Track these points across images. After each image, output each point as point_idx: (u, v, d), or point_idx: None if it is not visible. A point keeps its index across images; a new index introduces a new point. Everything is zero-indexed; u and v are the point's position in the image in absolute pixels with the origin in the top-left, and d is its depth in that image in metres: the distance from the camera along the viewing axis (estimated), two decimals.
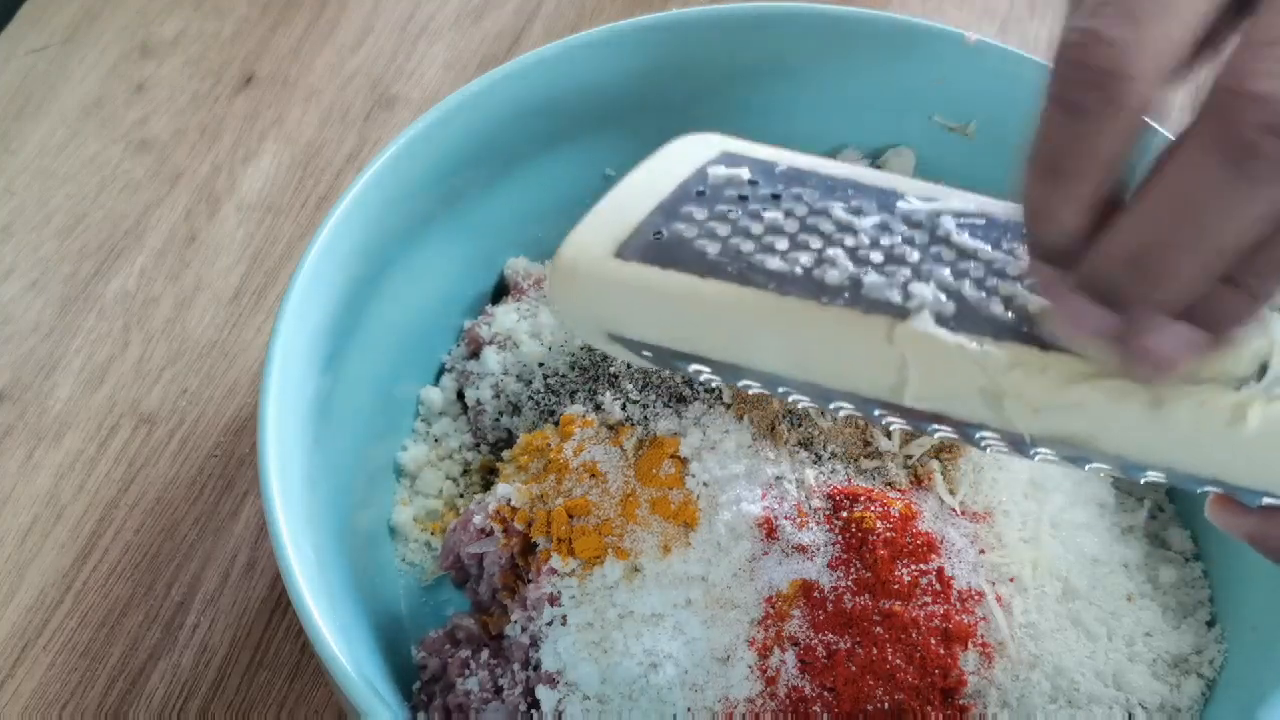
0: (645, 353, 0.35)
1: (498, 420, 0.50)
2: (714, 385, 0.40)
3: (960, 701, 0.41)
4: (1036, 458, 0.33)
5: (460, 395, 0.52)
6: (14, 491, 0.53)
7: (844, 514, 0.43)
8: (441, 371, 0.53)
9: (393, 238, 0.48)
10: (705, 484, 0.43)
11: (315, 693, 0.48)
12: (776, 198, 0.34)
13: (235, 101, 0.67)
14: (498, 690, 0.42)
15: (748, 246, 0.33)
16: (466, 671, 0.43)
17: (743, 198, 0.34)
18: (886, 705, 0.40)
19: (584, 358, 0.49)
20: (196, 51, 0.70)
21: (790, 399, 0.36)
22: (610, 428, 0.46)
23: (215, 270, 0.61)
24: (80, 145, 0.65)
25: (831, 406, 0.34)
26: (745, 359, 0.33)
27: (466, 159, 0.50)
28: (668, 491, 0.43)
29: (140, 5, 0.71)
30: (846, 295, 0.32)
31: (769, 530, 0.42)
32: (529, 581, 0.43)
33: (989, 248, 0.32)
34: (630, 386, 0.46)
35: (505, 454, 0.48)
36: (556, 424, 0.47)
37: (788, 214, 0.34)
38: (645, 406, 0.46)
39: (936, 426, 0.33)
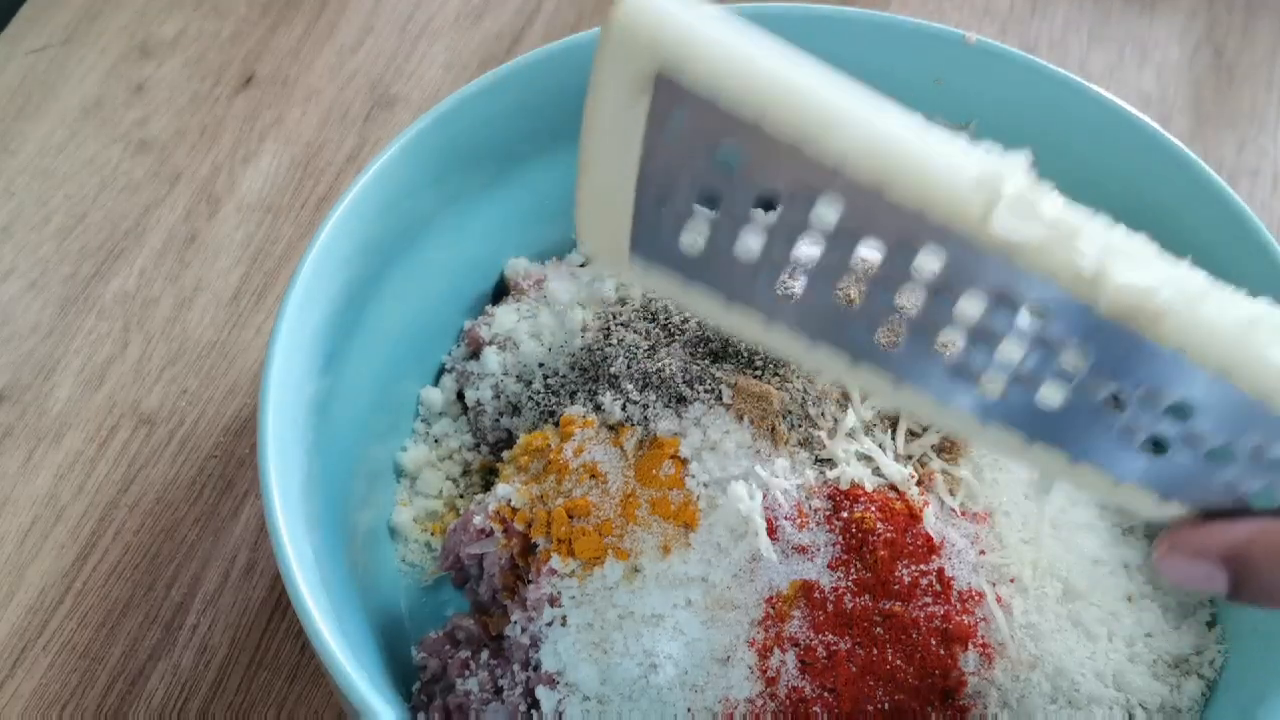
0: (676, 120, 0.29)
1: (498, 421, 0.50)
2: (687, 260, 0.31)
3: (960, 702, 0.41)
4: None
5: (460, 395, 0.52)
6: (14, 492, 0.53)
7: (844, 514, 0.43)
8: (441, 372, 0.53)
9: (393, 238, 0.48)
10: (705, 484, 0.43)
11: (315, 693, 0.48)
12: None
13: (235, 102, 0.67)
14: (498, 691, 0.42)
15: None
16: (466, 672, 0.43)
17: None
18: (887, 706, 0.40)
19: (584, 358, 0.49)
20: (196, 52, 0.70)
21: (791, 272, 0.31)
22: (610, 428, 0.46)
23: (215, 271, 0.61)
24: (80, 146, 0.65)
25: (849, 266, 0.30)
26: (812, 136, 0.28)
27: (466, 159, 0.50)
28: (668, 492, 0.43)
29: (140, 5, 0.71)
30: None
31: (769, 530, 0.42)
32: (529, 582, 0.43)
33: None
34: (630, 387, 0.46)
35: (505, 454, 0.48)
36: (556, 424, 0.47)
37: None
38: (645, 407, 0.46)
39: (945, 333, 0.30)
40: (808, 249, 0.30)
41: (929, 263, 0.29)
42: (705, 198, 0.30)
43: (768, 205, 0.30)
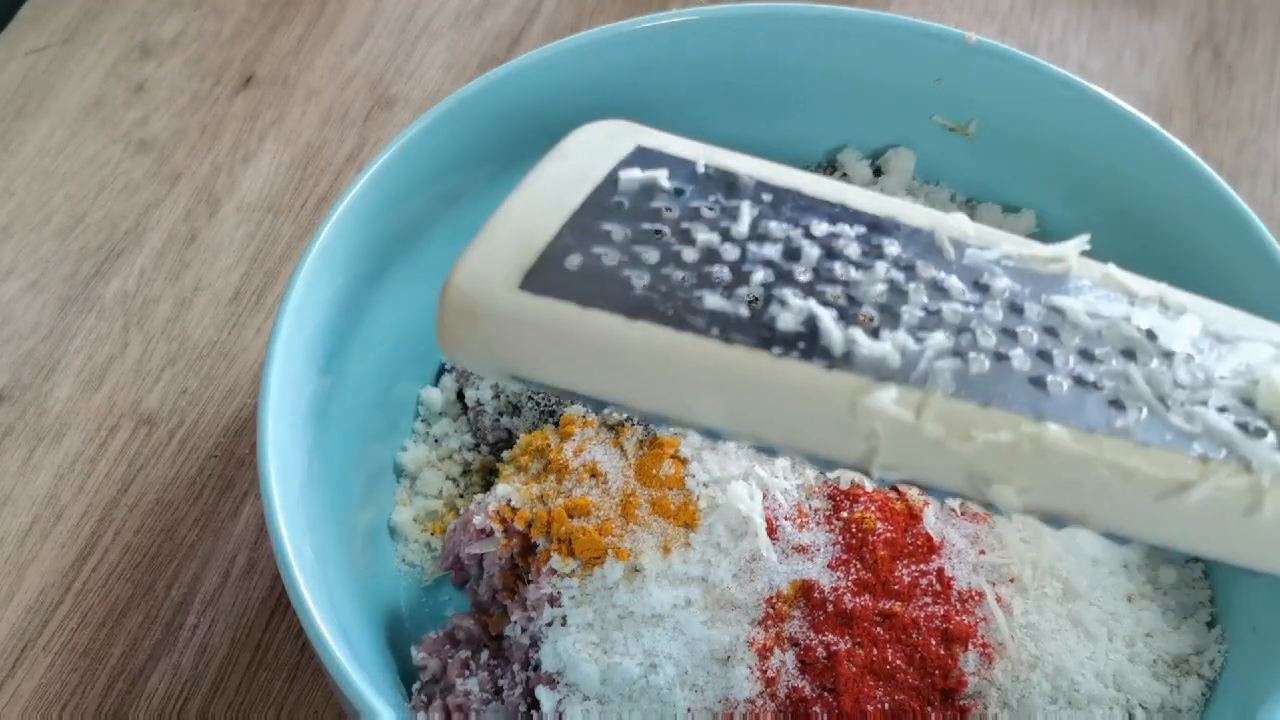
0: (552, 394, 0.31)
1: (498, 420, 0.50)
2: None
3: (960, 702, 0.41)
4: (1013, 519, 0.31)
5: (460, 395, 0.52)
6: (14, 492, 0.53)
7: (844, 514, 0.43)
8: (441, 371, 0.53)
9: (393, 238, 0.48)
10: (705, 484, 0.43)
11: (315, 693, 0.48)
12: (711, 212, 0.29)
13: (235, 102, 0.67)
14: (498, 691, 0.43)
15: (681, 277, 0.28)
16: (466, 672, 0.43)
17: (667, 210, 0.29)
18: (886, 706, 0.40)
19: None
20: (196, 52, 0.70)
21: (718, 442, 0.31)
22: (610, 428, 0.46)
23: (215, 270, 0.60)
24: (80, 145, 0.65)
25: (782, 454, 0.30)
26: (680, 413, 0.28)
27: (466, 159, 0.50)
28: (668, 492, 0.43)
29: (140, 5, 0.71)
30: (803, 345, 0.27)
31: (769, 530, 0.42)
32: (529, 582, 0.43)
33: (963, 285, 0.28)
34: None
35: (505, 454, 0.48)
36: (556, 424, 0.47)
37: (725, 235, 0.29)
38: None
39: (902, 485, 0.30)
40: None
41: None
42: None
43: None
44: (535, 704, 0.41)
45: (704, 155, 0.30)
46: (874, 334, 0.27)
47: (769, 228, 0.29)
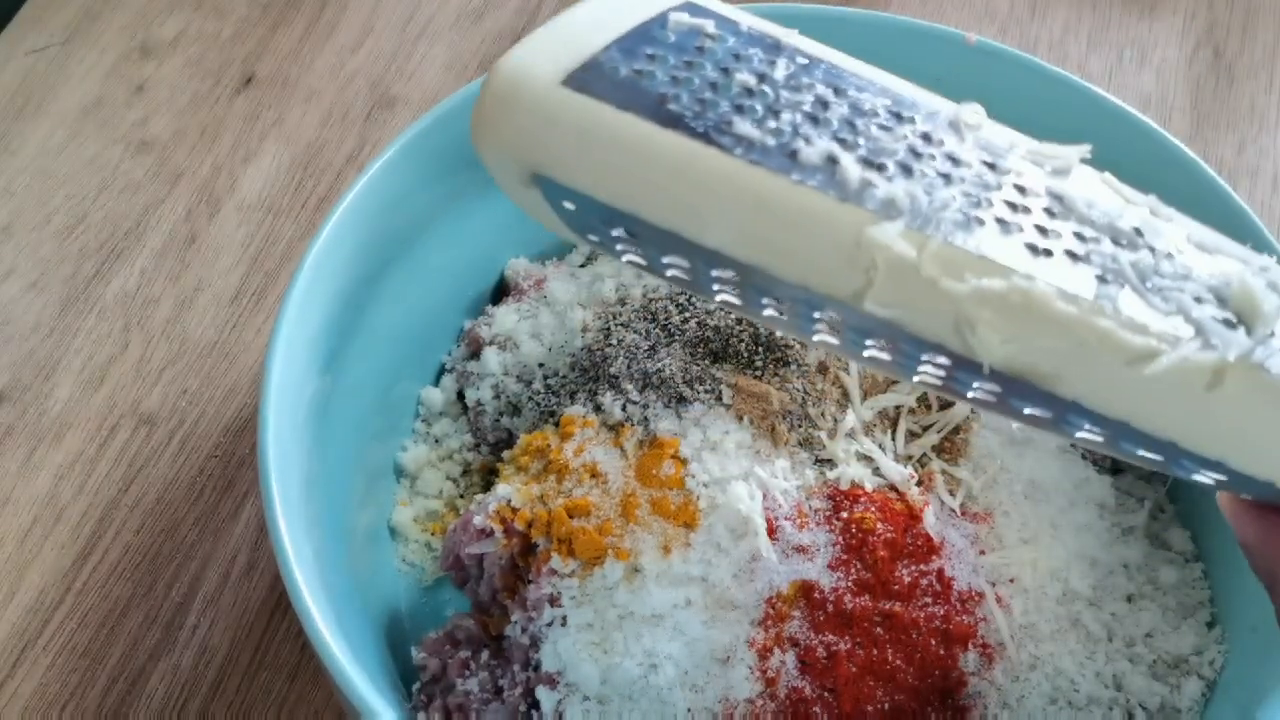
0: (567, 204, 0.31)
1: (498, 421, 0.50)
2: (635, 261, 0.34)
3: (960, 702, 0.41)
4: (969, 396, 0.31)
5: (460, 396, 0.52)
6: (14, 492, 0.53)
7: (844, 514, 0.43)
8: (441, 372, 0.53)
9: (393, 238, 0.48)
10: (705, 484, 0.43)
11: (315, 693, 0.48)
12: (750, 60, 0.31)
13: (235, 102, 0.67)
14: (498, 691, 0.42)
15: (716, 101, 0.29)
16: (466, 672, 0.43)
17: (710, 49, 0.30)
18: (886, 706, 0.40)
19: (584, 358, 0.49)
20: (196, 52, 0.70)
21: (717, 293, 0.32)
22: (610, 428, 0.46)
23: (215, 271, 0.61)
24: (80, 146, 0.65)
25: (763, 304, 0.31)
26: (689, 228, 0.30)
27: (466, 159, 0.49)
28: (668, 492, 0.43)
29: (140, 6, 0.71)
30: (820, 178, 0.28)
31: (769, 531, 0.42)
32: (529, 582, 0.43)
33: (975, 159, 0.30)
34: (630, 387, 0.46)
35: (505, 454, 0.48)
36: (557, 424, 0.47)
37: (761, 78, 0.30)
38: (645, 407, 0.46)
39: (871, 346, 0.30)
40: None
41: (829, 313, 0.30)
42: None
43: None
44: (535, 704, 0.41)
45: (750, 19, 0.32)
46: (888, 180, 0.29)
47: (802, 81, 0.30)
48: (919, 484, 0.44)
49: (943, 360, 0.30)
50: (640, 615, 0.41)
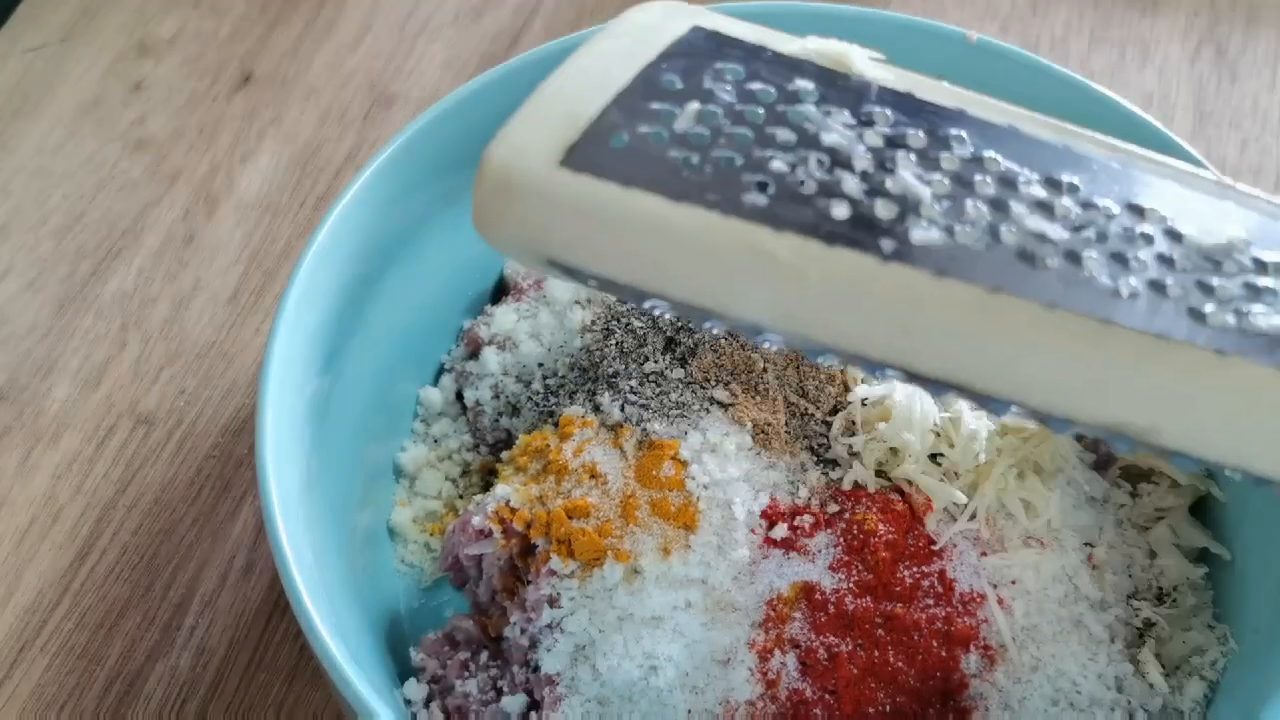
0: (592, 281, 0.29)
1: (497, 421, 0.50)
2: (668, 317, 0.32)
3: (962, 704, 0.41)
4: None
5: (459, 396, 0.52)
6: (11, 493, 0.53)
7: (846, 516, 0.43)
8: (441, 372, 0.53)
9: (392, 237, 0.48)
10: (705, 486, 0.43)
11: (314, 694, 0.48)
12: (767, 96, 0.27)
13: (233, 101, 0.67)
14: (497, 692, 0.42)
15: (731, 159, 0.26)
16: (466, 673, 0.43)
17: (721, 93, 0.27)
18: (888, 708, 0.40)
19: (583, 358, 0.49)
20: (194, 50, 0.69)
21: (762, 342, 0.30)
22: (610, 429, 0.46)
23: (213, 270, 0.60)
24: (78, 145, 0.65)
25: (820, 358, 0.29)
26: (723, 306, 0.27)
27: (466, 158, 0.49)
28: (668, 493, 0.43)
29: (138, 4, 0.71)
30: (853, 235, 0.25)
31: (769, 532, 0.42)
32: (528, 583, 0.43)
33: (1037, 192, 0.26)
34: (629, 387, 0.46)
35: (504, 455, 0.48)
36: (556, 425, 0.47)
37: (779, 120, 0.27)
38: (645, 407, 0.46)
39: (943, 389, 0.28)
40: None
41: None
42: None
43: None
44: (535, 705, 0.41)
45: (763, 38, 0.29)
46: (936, 229, 0.26)
47: (829, 112, 0.27)
48: (919, 485, 0.44)
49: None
50: (640, 617, 0.41)
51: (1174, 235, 0.27)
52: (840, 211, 0.26)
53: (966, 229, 0.26)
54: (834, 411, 0.46)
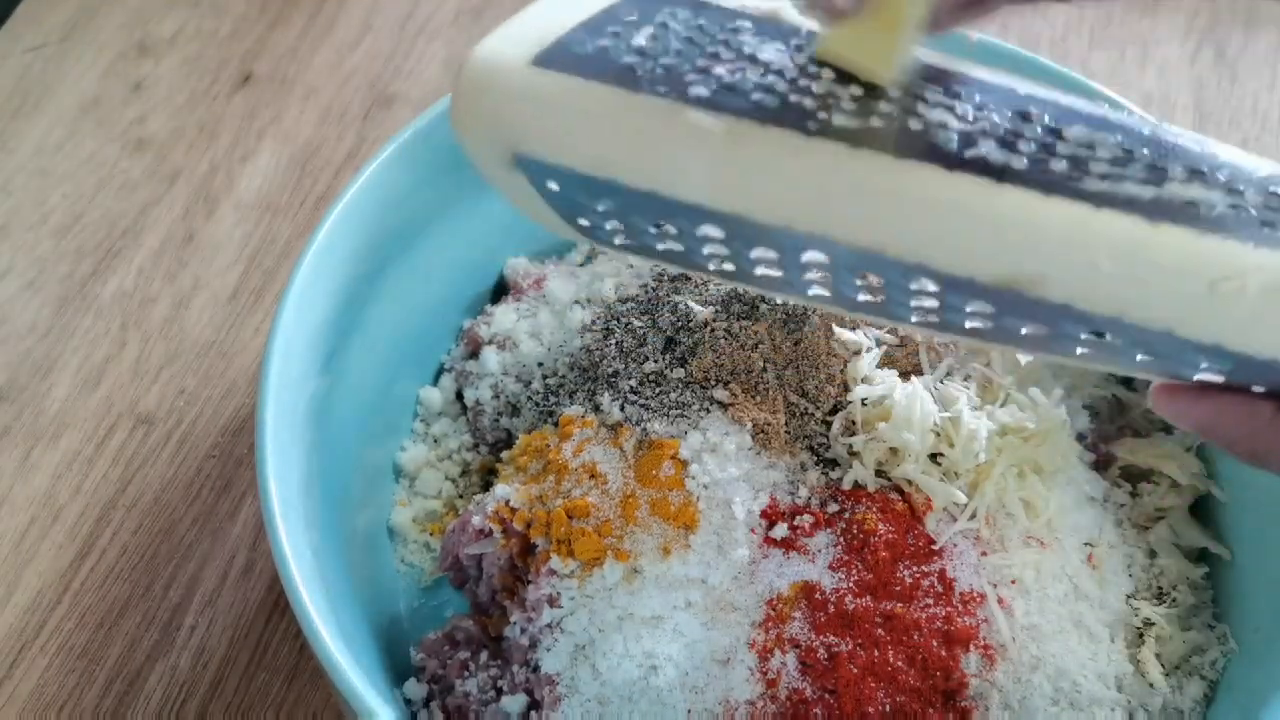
0: (551, 183, 0.33)
1: (497, 421, 0.50)
2: (627, 245, 0.36)
3: (962, 704, 0.41)
4: (968, 327, 0.32)
5: (459, 395, 0.52)
6: (11, 492, 0.53)
7: (845, 515, 0.43)
8: (441, 372, 0.53)
9: (391, 237, 0.48)
10: (705, 486, 0.43)
11: (314, 694, 0.48)
12: (713, 29, 0.32)
13: (233, 100, 0.67)
14: (497, 692, 0.42)
15: (679, 64, 0.31)
16: (466, 673, 0.43)
17: (674, 25, 0.32)
18: (888, 707, 0.40)
19: (583, 358, 0.48)
20: (194, 50, 0.69)
21: (709, 261, 0.33)
22: (609, 428, 0.46)
23: (213, 270, 0.60)
24: (77, 144, 0.65)
25: (753, 259, 0.32)
26: (665, 184, 0.31)
27: (466, 158, 0.50)
28: (667, 493, 0.43)
29: (138, 4, 0.71)
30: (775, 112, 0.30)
31: (769, 531, 0.42)
32: (528, 583, 0.43)
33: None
34: (629, 387, 0.46)
35: (504, 455, 0.48)
36: (556, 425, 0.47)
37: (722, 43, 0.32)
38: (644, 407, 0.46)
39: (862, 288, 0.31)
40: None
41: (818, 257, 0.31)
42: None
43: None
44: (535, 705, 0.41)
45: None
46: (855, 118, 0.30)
47: (763, 43, 0.32)
48: (919, 485, 0.44)
49: (931, 288, 0.30)
50: (640, 616, 0.41)
51: (1054, 131, 0.31)
52: (772, 101, 0.30)
53: (878, 119, 0.30)
54: (834, 411, 0.46)
